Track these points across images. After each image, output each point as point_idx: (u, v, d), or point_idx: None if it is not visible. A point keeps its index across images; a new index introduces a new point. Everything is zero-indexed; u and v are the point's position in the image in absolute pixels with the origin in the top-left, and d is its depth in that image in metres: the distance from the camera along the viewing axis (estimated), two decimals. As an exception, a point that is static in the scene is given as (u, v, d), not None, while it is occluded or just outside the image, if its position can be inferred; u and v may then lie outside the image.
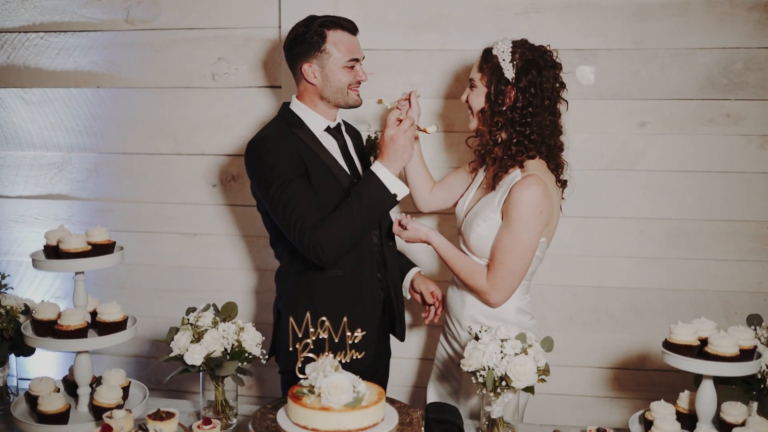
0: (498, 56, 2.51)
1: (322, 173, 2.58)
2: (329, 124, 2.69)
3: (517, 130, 2.50)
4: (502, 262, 2.50)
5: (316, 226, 2.44)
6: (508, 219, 2.47)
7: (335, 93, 2.63)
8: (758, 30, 3.03)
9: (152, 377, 3.52)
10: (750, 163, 3.12)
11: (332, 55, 2.59)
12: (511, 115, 2.50)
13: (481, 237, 2.55)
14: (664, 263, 3.22)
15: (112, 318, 2.35)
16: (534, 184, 2.44)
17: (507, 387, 2.15)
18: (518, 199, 2.44)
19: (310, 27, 2.60)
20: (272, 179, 2.51)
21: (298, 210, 2.47)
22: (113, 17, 3.40)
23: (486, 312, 2.62)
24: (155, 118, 3.44)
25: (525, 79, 2.47)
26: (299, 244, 2.48)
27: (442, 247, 2.63)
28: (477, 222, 2.56)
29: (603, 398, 3.34)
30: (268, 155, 2.54)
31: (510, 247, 2.48)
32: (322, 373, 1.91)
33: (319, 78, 2.61)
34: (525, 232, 2.46)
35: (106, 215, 3.53)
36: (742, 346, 2.10)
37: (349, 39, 2.62)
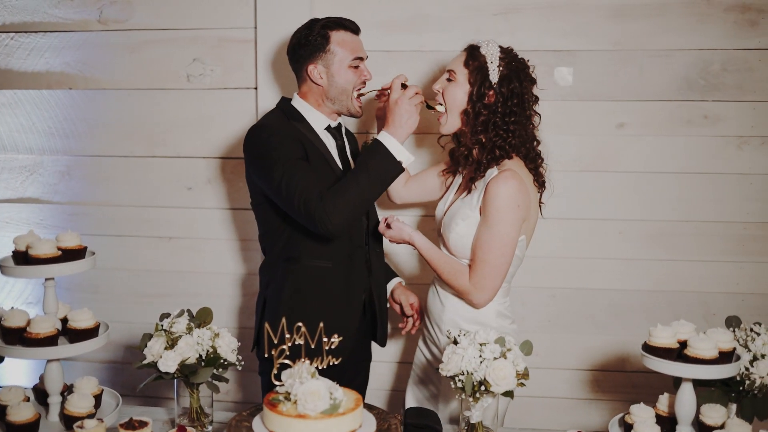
0: (486, 57, 2.51)
1: (320, 164, 2.58)
2: (330, 123, 2.69)
3: (499, 135, 2.50)
4: (483, 259, 2.48)
5: (322, 196, 2.40)
6: (486, 215, 2.46)
7: (340, 94, 2.63)
8: (735, 31, 3.05)
9: (127, 384, 3.45)
10: (728, 164, 3.13)
11: (337, 55, 2.60)
12: (492, 118, 2.50)
13: (460, 236, 2.54)
14: (643, 265, 3.22)
15: (84, 325, 2.30)
16: (510, 179, 2.44)
17: (486, 392, 2.12)
18: (495, 194, 2.43)
19: (313, 29, 2.61)
20: (276, 159, 2.48)
21: (303, 183, 2.43)
22: (86, 17, 3.34)
23: (466, 316, 2.59)
24: (129, 120, 3.39)
25: (508, 87, 2.49)
26: (305, 214, 2.42)
27: (424, 247, 2.60)
28: (456, 221, 2.55)
29: (583, 400, 3.33)
30: (271, 138, 2.53)
31: (490, 242, 2.46)
32: (299, 380, 1.88)
33: (325, 78, 2.61)
34: (503, 226, 2.44)
35: (79, 219, 3.48)
36: (722, 349, 2.09)
37: (352, 38, 2.64)
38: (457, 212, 2.57)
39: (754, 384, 2.14)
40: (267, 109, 3.16)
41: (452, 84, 2.57)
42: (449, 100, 2.57)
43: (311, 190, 2.42)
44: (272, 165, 2.48)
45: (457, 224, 2.54)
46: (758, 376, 2.14)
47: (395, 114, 2.47)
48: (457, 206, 2.59)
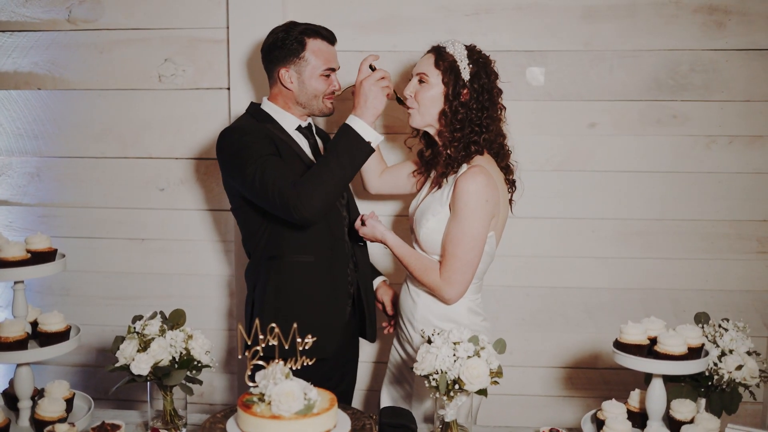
0: (455, 56, 2.54)
1: (293, 161, 2.58)
2: (300, 123, 2.71)
3: (474, 131, 2.53)
4: (453, 254, 2.50)
5: (295, 184, 2.42)
6: (455, 210, 2.49)
7: (310, 100, 2.66)
8: (702, 32, 3.09)
9: (100, 387, 3.43)
10: (696, 163, 3.17)
11: (310, 63, 2.62)
12: (469, 115, 2.53)
13: (430, 231, 2.56)
14: (615, 263, 3.26)
15: (54, 328, 2.27)
16: (478, 174, 2.47)
17: (460, 390, 2.13)
18: (464, 189, 2.46)
19: (290, 33, 2.62)
20: (248, 156, 2.49)
21: (276, 174, 2.45)
22: (54, 17, 3.30)
23: (438, 313, 2.61)
24: (100, 121, 3.36)
25: (479, 83, 2.53)
26: (281, 204, 2.43)
27: (396, 245, 2.62)
28: (426, 217, 2.57)
29: (556, 397, 3.36)
30: (243, 137, 2.54)
31: (459, 237, 2.48)
32: (273, 381, 1.88)
33: (295, 84, 2.64)
34: (472, 221, 2.47)
35: (49, 221, 3.43)
36: (690, 345, 2.12)
37: (327, 48, 2.66)
38: (428, 208, 2.59)
39: (722, 379, 2.18)
40: (240, 109, 3.17)
41: (425, 86, 2.58)
42: (424, 102, 2.58)
43: (284, 180, 2.44)
44: (245, 162, 2.49)
45: (427, 220, 2.56)
46: (726, 371, 2.17)
47: (362, 95, 2.50)
48: (428, 202, 2.62)
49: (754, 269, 3.21)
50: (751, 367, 2.19)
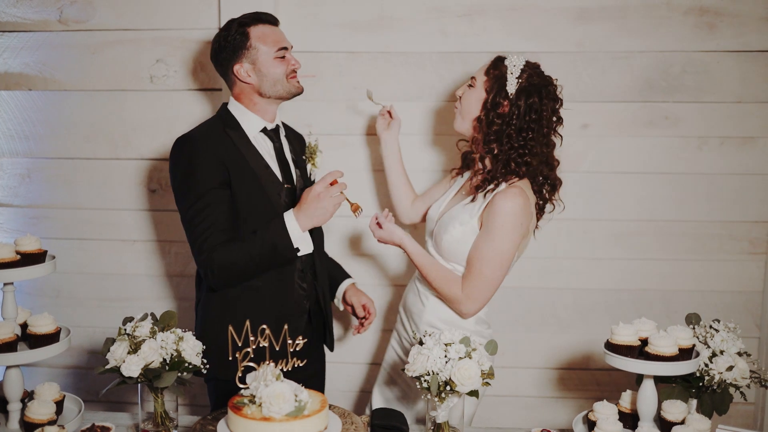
0: (508, 67, 2.53)
1: (247, 179, 2.53)
2: (266, 125, 2.65)
3: (513, 147, 2.49)
4: (480, 271, 2.48)
5: (215, 248, 2.43)
6: (489, 227, 2.46)
7: (274, 86, 2.60)
8: (694, 34, 3.10)
9: (91, 389, 3.41)
10: (688, 165, 3.18)
11: (260, 50, 2.57)
12: (506, 130, 2.49)
13: (454, 240, 2.54)
14: (607, 264, 3.26)
15: (44, 330, 2.26)
16: (518, 195, 2.45)
17: (451, 392, 2.13)
18: (501, 207, 2.44)
19: (230, 29, 2.59)
20: (189, 188, 2.48)
21: (204, 225, 2.44)
22: (46, 17, 3.29)
23: (445, 318, 2.61)
24: (91, 122, 3.34)
25: (525, 100, 2.49)
26: (196, 258, 2.49)
27: (415, 252, 2.59)
28: (453, 225, 2.55)
29: (548, 398, 3.36)
30: (193, 159, 2.49)
31: (489, 255, 2.47)
32: (263, 383, 1.87)
33: (253, 75, 2.58)
34: (504, 241, 2.45)
35: (40, 222, 3.42)
36: (681, 345, 2.13)
37: (272, 30, 2.62)
38: (456, 216, 2.57)
39: (713, 380, 2.18)
40: None
41: (471, 90, 2.59)
42: (465, 105, 2.60)
43: (209, 237, 2.43)
44: (185, 193, 2.49)
45: (454, 228, 2.54)
46: (717, 371, 2.18)
47: (311, 205, 2.43)
48: (457, 211, 2.59)
49: (746, 270, 3.22)
50: (742, 368, 2.19)
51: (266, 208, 2.54)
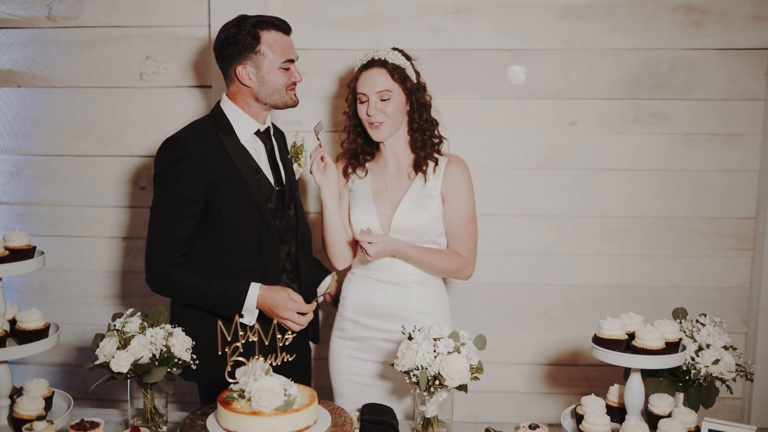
0: (401, 65, 2.66)
1: (235, 186, 2.52)
2: (259, 128, 2.63)
3: (432, 124, 2.71)
4: (469, 232, 2.69)
5: (173, 263, 2.48)
6: (458, 193, 2.66)
7: (272, 94, 2.57)
8: (681, 31, 3.12)
9: (81, 386, 3.41)
10: (676, 162, 3.20)
11: (267, 57, 2.53)
12: (426, 110, 2.71)
13: (430, 220, 2.65)
14: (596, 260, 3.28)
15: (33, 326, 2.26)
16: (462, 161, 2.72)
17: (440, 386, 2.14)
18: (460, 175, 2.68)
19: (242, 27, 2.52)
20: (165, 190, 2.50)
21: (168, 233, 2.48)
22: (34, 14, 3.28)
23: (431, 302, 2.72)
24: (81, 119, 3.33)
25: (419, 79, 2.71)
26: (147, 262, 2.53)
27: (409, 249, 2.62)
28: (419, 209, 2.64)
29: (537, 394, 3.38)
30: (175, 163, 2.48)
31: (470, 215, 2.69)
32: (252, 377, 1.88)
33: (254, 80, 2.54)
34: (473, 200, 2.70)
35: (30, 219, 3.41)
36: (668, 339, 2.14)
37: (283, 39, 2.57)
38: (418, 202, 2.65)
39: (699, 373, 2.20)
40: None
41: (389, 102, 2.63)
42: (394, 115, 2.64)
43: (165, 248, 2.47)
44: (162, 193, 2.51)
45: (425, 210, 2.64)
46: (703, 365, 2.19)
47: (275, 307, 2.46)
48: (413, 196, 2.66)
49: (733, 266, 3.25)
50: (728, 362, 2.21)
51: (253, 214, 2.55)
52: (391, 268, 2.69)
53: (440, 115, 2.75)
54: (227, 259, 2.54)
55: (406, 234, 2.64)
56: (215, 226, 2.52)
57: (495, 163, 3.23)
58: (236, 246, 2.55)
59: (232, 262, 2.55)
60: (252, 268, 2.57)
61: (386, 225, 2.68)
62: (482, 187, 3.21)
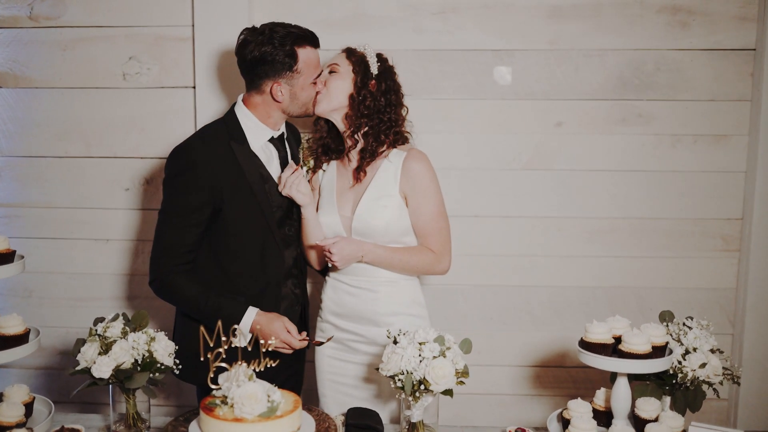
0: (366, 53, 2.64)
1: (242, 196, 2.51)
2: (273, 135, 2.62)
3: (383, 120, 2.61)
4: (439, 226, 2.61)
5: (178, 271, 2.49)
6: (421, 189, 2.58)
7: (300, 108, 2.59)
8: (667, 32, 3.11)
9: (64, 390, 3.37)
10: (661, 162, 3.20)
11: (303, 74, 2.53)
12: (376, 104, 2.60)
13: (391, 219, 2.58)
14: (581, 261, 3.27)
15: (12, 331, 2.24)
16: (420, 153, 2.62)
17: (426, 391, 2.12)
18: (421, 170, 2.59)
19: (276, 44, 2.48)
20: (168, 198, 2.51)
21: (174, 239, 2.49)
22: (15, 13, 3.24)
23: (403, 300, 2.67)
24: (63, 120, 3.30)
25: (385, 82, 2.63)
26: (151, 266, 2.53)
27: (375, 250, 2.58)
28: (378, 209, 2.57)
29: (524, 396, 3.37)
30: (184, 170, 2.48)
31: (437, 210, 2.61)
32: (235, 383, 1.85)
33: (286, 96, 2.54)
34: (438, 193, 2.62)
35: (12, 221, 3.37)
36: (655, 343, 2.13)
37: (316, 55, 2.59)
38: (376, 200, 2.58)
39: (686, 377, 2.19)
40: (205, 108, 3.15)
41: (335, 75, 2.62)
42: (332, 88, 2.61)
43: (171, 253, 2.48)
44: (170, 198, 2.51)
45: (382, 211, 2.57)
46: (690, 369, 2.19)
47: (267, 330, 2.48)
48: (371, 196, 2.59)
49: (719, 267, 3.25)
50: (715, 365, 2.21)
51: (259, 223, 2.55)
52: (358, 272, 2.65)
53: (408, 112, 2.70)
54: (231, 265, 2.56)
55: (366, 236, 2.60)
56: (220, 234, 2.53)
57: (480, 164, 3.21)
58: (240, 254, 2.56)
59: (236, 269, 2.57)
60: (255, 276, 2.59)
61: (348, 227, 2.64)
62: (467, 189, 3.21)
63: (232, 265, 2.56)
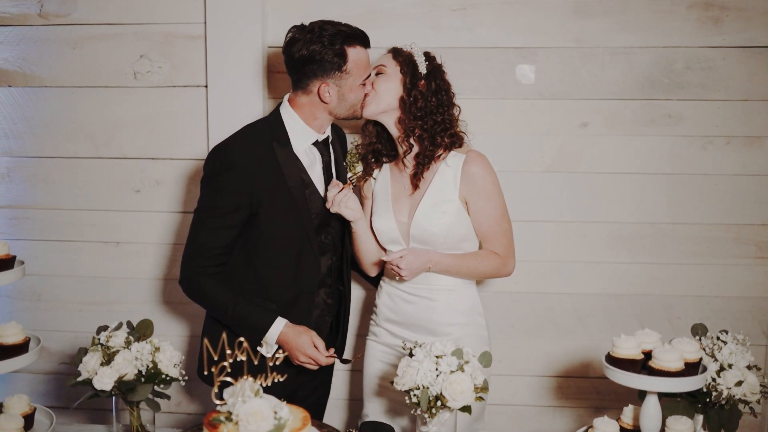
0: (412, 53, 2.54)
1: (281, 200, 2.45)
2: (318, 138, 2.54)
3: (438, 123, 2.52)
4: (503, 229, 2.57)
5: (208, 272, 2.45)
6: (484, 192, 2.51)
7: (348, 110, 2.51)
8: (698, 29, 2.99)
9: (72, 396, 3.30)
10: (692, 165, 3.08)
11: (352, 75, 2.45)
12: (428, 105, 2.52)
13: (449, 226, 2.50)
14: (606, 268, 3.16)
15: (11, 340, 2.16)
16: (481, 154, 2.55)
17: (442, 407, 2.02)
18: (484, 172, 2.52)
19: (329, 44, 2.40)
20: (204, 197, 2.46)
21: (202, 241, 2.45)
22: (25, 11, 3.18)
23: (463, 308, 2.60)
24: (72, 120, 3.24)
25: (434, 81, 2.55)
26: (182, 264, 2.49)
27: (443, 260, 2.51)
28: (436, 215, 2.50)
29: (546, 407, 3.26)
30: (223, 174, 2.41)
31: (500, 212, 2.55)
32: (241, 399, 1.76)
33: (334, 97, 2.46)
34: (500, 194, 2.56)
35: (20, 223, 3.31)
36: (687, 360, 2.00)
37: (366, 55, 2.50)
38: (434, 207, 2.51)
39: (721, 395, 2.07)
40: (217, 107, 3.10)
41: (383, 76, 2.53)
42: (381, 90, 2.53)
43: (202, 254, 2.44)
44: (201, 202, 2.47)
45: (440, 217, 2.50)
46: (725, 387, 2.06)
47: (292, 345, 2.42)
48: (429, 201, 2.52)
49: (752, 275, 3.12)
50: (752, 383, 2.08)
51: (296, 230, 2.49)
52: (417, 279, 2.56)
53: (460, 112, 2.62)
54: (264, 271, 2.50)
55: (425, 242, 2.52)
56: (256, 238, 2.47)
57: (501, 166, 3.05)
58: (275, 260, 2.50)
59: (269, 275, 2.51)
60: (288, 284, 2.52)
61: (405, 233, 2.56)
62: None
63: (265, 270, 2.50)
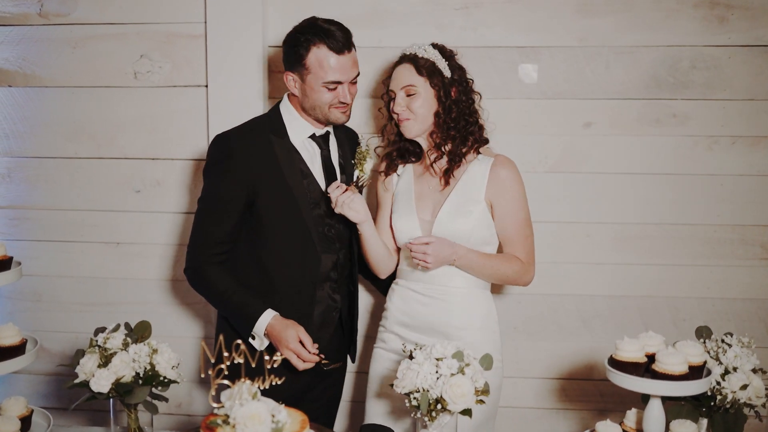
0: (431, 59, 2.51)
1: (279, 191, 2.47)
2: (315, 132, 2.55)
3: (469, 122, 2.54)
4: (526, 235, 2.56)
5: (212, 261, 2.48)
6: (511, 196, 2.52)
7: (314, 109, 2.49)
8: (704, 27, 2.96)
9: (73, 397, 3.27)
10: (697, 165, 3.05)
11: (311, 73, 2.43)
12: (461, 111, 2.53)
13: (474, 227, 2.50)
14: (611, 269, 3.13)
15: (8, 342, 2.15)
16: (512, 160, 2.57)
17: (443, 410, 1.99)
18: (512, 176, 2.53)
19: (301, 34, 2.43)
20: (205, 186, 2.52)
21: (205, 229, 2.49)
22: (25, 10, 3.17)
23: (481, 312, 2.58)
24: (73, 120, 3.22)
25: (459, 76, 2.55)
26: (187, 254, 2.53)
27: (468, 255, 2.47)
28: (461, 215, 2.49)
29: (549, 410, 3.23)
30: (223, 162, 2.46)
31: (524, 217, 2.55)
32: (238, 402, 1.74)
33: (298, 90, 2.49)
34: (526, 200, 2.56)
35: (20, 224, 3.30)
36: (692, 363, 1.97)
37: (335, 60, 2.41)
38: (459, 207, 2.50)
39: (725, 399, 2.03)
40: (218, 107, 3.10)
41: (415, 97, 2.51)
42: (420, 112, 2.51)
43: (206, 244, 2.48)
44: (208, 187, 2.51)
45: (468, 216, 2.49)
46: (730, 390, 2.03)
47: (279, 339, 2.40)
48: (455, 202, 2.51)
49: (758, 276, 3.08)
50: (757, 386, 2.04)
51: (296, 220, 2.49)
52: (431, 279, 2.53)
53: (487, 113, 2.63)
54: (268, 263, 2.52)
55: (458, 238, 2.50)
56: (257, 229, 2.49)
57: (505, 167, 3.08)
58: (277, 251, 2.51)
59: (272, 266, 2.52)
60: (290, 275, 2.53)
61: (427, 231, 2.54)
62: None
63: (268, 260, 2.51)
